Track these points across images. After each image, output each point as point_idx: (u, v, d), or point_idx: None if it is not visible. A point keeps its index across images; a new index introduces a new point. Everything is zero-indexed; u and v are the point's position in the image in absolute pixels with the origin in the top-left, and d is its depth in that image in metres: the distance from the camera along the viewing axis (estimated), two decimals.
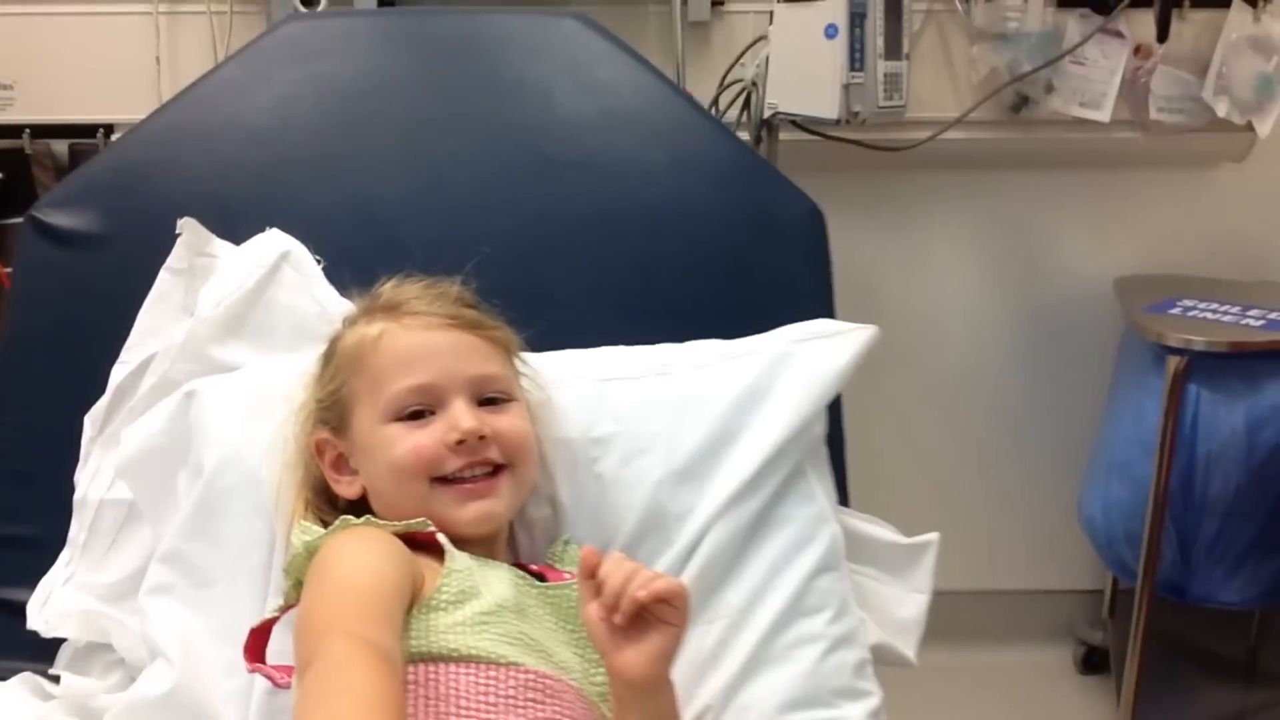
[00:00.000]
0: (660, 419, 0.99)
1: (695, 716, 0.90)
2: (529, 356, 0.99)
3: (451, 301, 0.93)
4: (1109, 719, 1.84)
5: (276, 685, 0.86)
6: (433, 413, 0.88)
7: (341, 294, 1.09)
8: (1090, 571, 2.03)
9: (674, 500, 0.96)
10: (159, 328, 1.09)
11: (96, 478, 1.05)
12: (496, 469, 0.88)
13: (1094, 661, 1.97)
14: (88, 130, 1.68)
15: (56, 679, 0.99)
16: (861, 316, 1.05)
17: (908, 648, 1.01)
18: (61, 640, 1.01)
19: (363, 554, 0.80)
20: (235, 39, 1.66)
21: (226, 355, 1.05)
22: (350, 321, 0.95)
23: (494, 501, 0.88)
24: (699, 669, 0.91)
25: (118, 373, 1.08)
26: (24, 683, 1.00)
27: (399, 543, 0.84)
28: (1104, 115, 1.76)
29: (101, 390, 1.08)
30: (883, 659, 0.98)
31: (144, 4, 1.70)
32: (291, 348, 1.06)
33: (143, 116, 1.23)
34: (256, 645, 0.87)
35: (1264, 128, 1.73)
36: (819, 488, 0.98)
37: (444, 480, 0.87)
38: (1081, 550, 1.96)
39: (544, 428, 0.97)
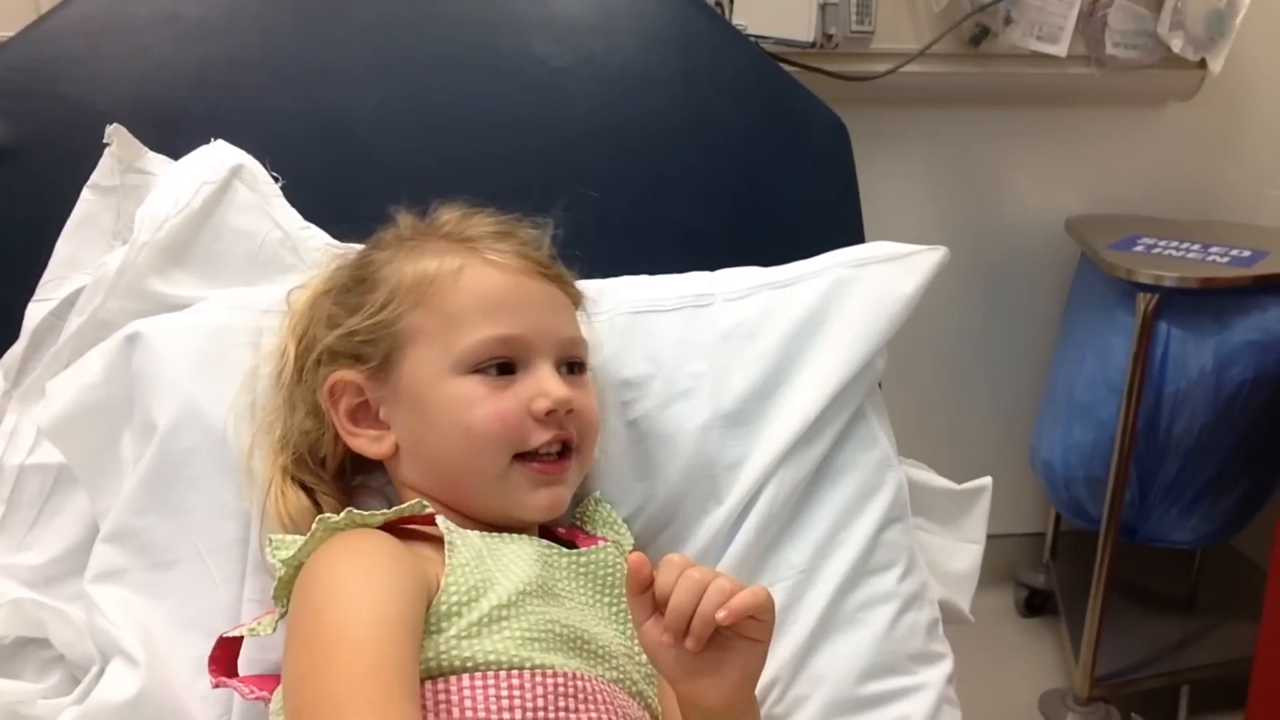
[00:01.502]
0: (702, 357, 0.88)
1: (762, 690, 0.80)
2: None
3: (535, 247, 0.80)
4: (1054, 661, 1.85)
5: (246, 699, 0.72)
6: (512, 370, 0.75)
7: (306, 219, 0.93)
8: (1030, 514, 2.04)
9: (723, 449, 0.85)
10: (84, 257, 0.91)
11: (14, 439, 0.87)
12: (566, 449, 0.76)
13: (1036, 604, 1.98)
14: None
15: None
16: None
17: (963, 603, 0.93)
18: None
19: (359, 584, 0.65)
20: None
21: (170, 289, 0.88)
22: (390, 245, 0.80)
23: (562, 489, 0.77)
24: None
25: (34, 311, 0.90)
26: None
27: (397, 545, 0.69)
28: (1060, 49, 1.72)
29: (14, 333, 0.89)
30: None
31: None
32: (249, 279, 0.91)
33: (14, 32, 1.02)
34: (225, 655, 0.74)
35: (1216, 64, 1.73)
36: (880, 430, 0.89)
37: (519, 456, 0.74)
38: (1023, 493, 1.95)
39: None
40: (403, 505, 0.72)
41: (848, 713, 0.79)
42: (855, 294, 0.89)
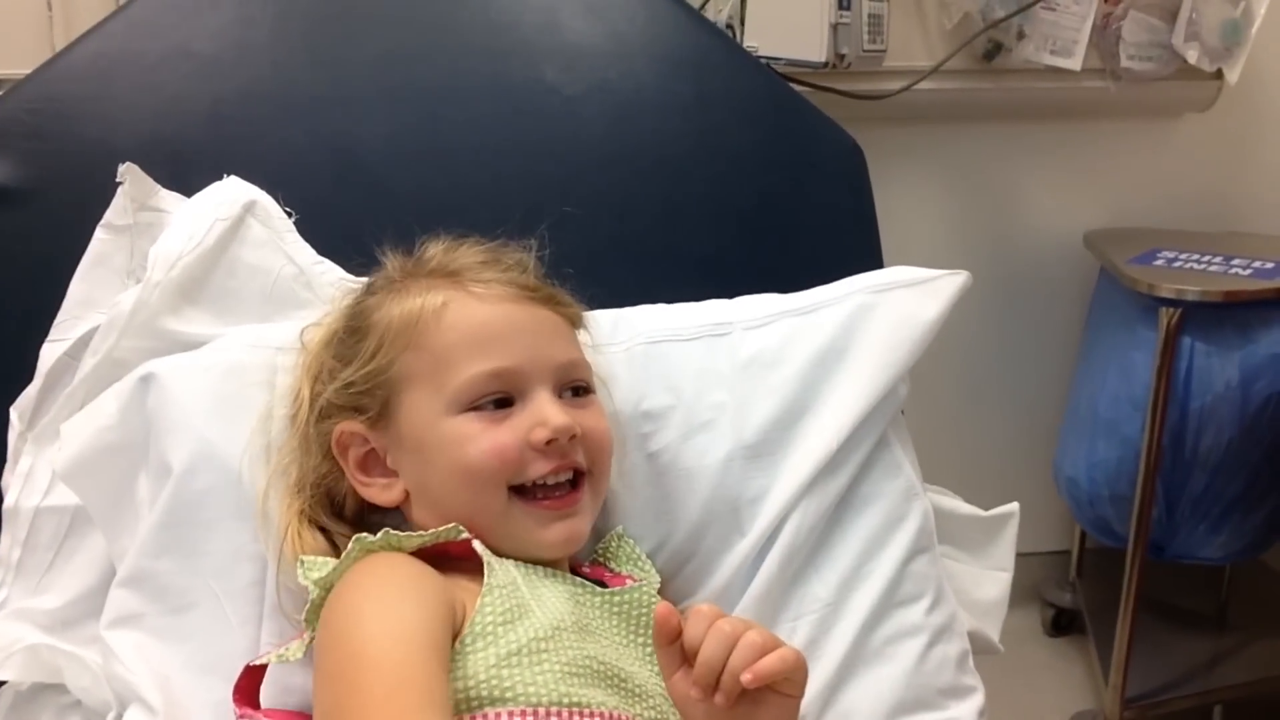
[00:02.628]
0: (722, 387, 0.86)
1: None
2: None
3: (522, 270, 0.79)
4: (1083, 681, 1.82)
5: None
6: (510, 403, 0.73)
7: (320, 253, 0.92)
8: (1055, 532, 2.01)
9: (746, 481, 0.84)
10: (97, 297, 0.91)
11: (30, 481, 0.86)
12: (577, 477, 0.74)
13: (1063, 624, 1.95)
14: None
15: None
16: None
17: (992, 632, 0.91)
18: None
19: (382, 606, 0.64)
20: None
21: (184, 327, 0.88)
22: (388, 289, 0.79)
23: (579, 521, 0.75)
24: None
25: (49, 353, 0.89)
26: None
27: (426, 569, 0.69)
28: (1075, 63, 1.71)
29: (27, 374, 0.89)
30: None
31: None
32: (263, 316, 0.90)
33: (28, 70, 1.02)
34: (249, 686, 0.73)
35: (1233, 74, 1.71)
36: (904, 458, 0.87)
37: (520, 491, 0.73)
38: (1047, 511, 1.92)
39: None
40: (439, 529, 0.71)
41: None
42: (877, 320, 0.87)
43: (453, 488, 0.73)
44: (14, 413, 0.88)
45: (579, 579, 0.77)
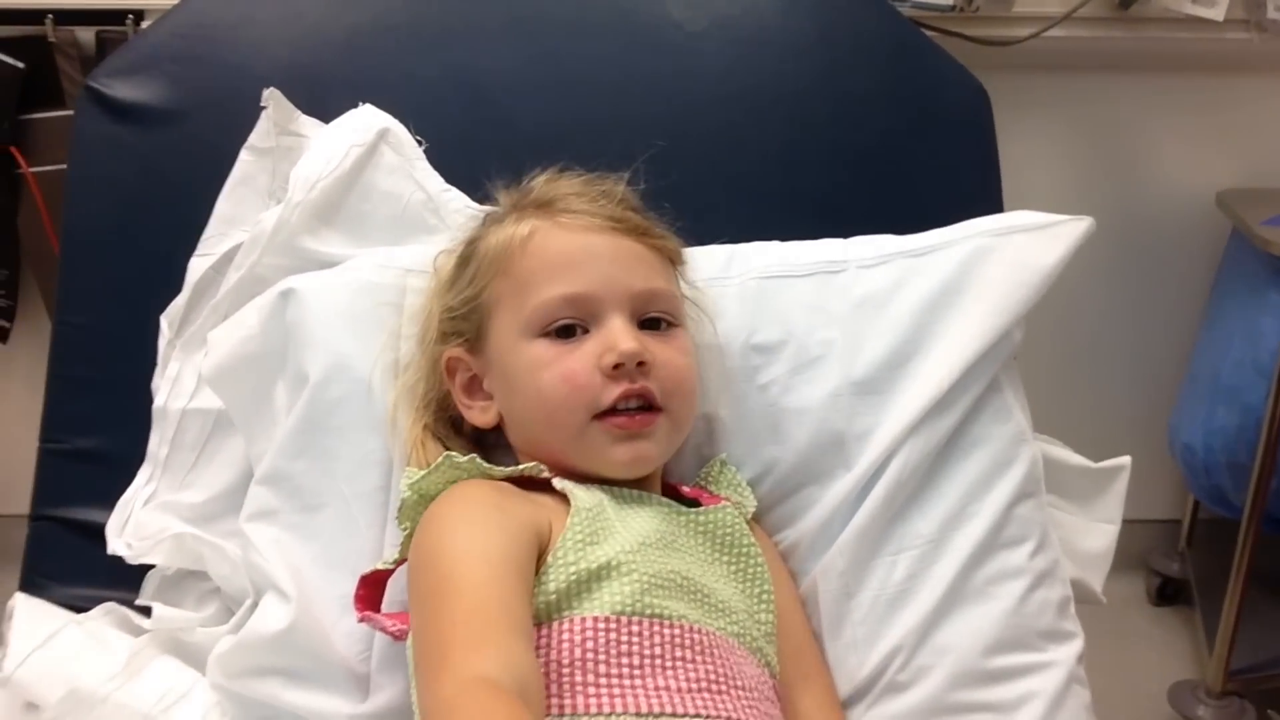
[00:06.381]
0: (834, 324, 0.87)
1: (884, 658, 0.79)
2: None
3: (616, 202, 0.80)
4: (1185, 652, 1.78)
5: (391, 636, 0.75)
6: (585, 330, 0.75)
7: (448, 181, 0.96)
8: (1167, 500, 1.95)
9: (853, 417, 0.85)
10: (241, 215, 0.96)
11: (177, 385, 0.92)
12: (652, 407, 0.76)
13: (1169, 593, 1.90)
14: (116, 16, 1.50)
15: (143, 610, 0.87)
16: None
17: (1096, 583, 0.90)
18: (143, 566, 0.89)
19: (468, 529, 0.67)
20: None
21: (320, 247, 0.92)
22: (494, 220, 0.82)
23: (650, 444, 0.76)
24: (887, 605, 0.81)
25: (196, 266, 0.95)
26: (108, 614, 0.88)
27: (512, 494, 0.72)
28: (1217, 13, 1.62)
29: (175, 285, 0.95)
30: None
31: None
32: (393, 240, 0.94)
33: (175, 2, 1.07)
34: (369, 593, 0.77)
35: None
36: (1015, 403, 0.86)
37: (599, 416, 0.75)
38: (1159, 477, 1.87)
39: (696, 333, 0.84)
40: (522, 466, 0.75)
41: (973, 685, 0.78)
42: (994, 264, 0.86)
43: (531, 412, 0.76)
44: (164, 321, 0.94)
45: (669, 500, 0.79)
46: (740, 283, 0.89)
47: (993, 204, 1.01)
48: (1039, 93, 1.74)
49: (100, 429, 0.95)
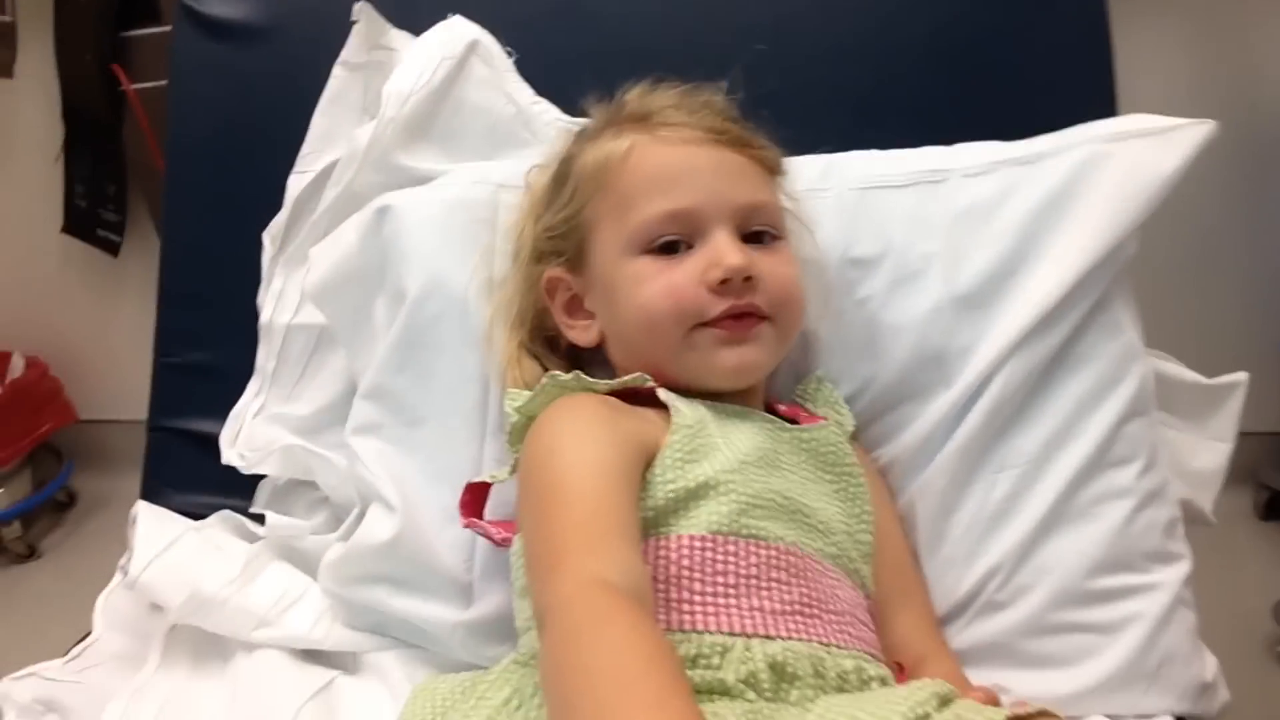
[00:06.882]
0: (935, 236, 0.84)
1: (983, 576, 0.79)
2: None
3: (715, 113, 0.78)
4: None
5: (494, 543, 0.77)
6: (690, 245, 0.74)
7: (539, 93, 0.94)
8: (1276, 412, 1.88)
9: (954, 332, 0.82)
10: (336, 131, 0.96)
11: (281, 300, 0.95)
12: (759, 319, 0.74)
13: (1276, 507, 1.85)
14: None
15: (257, 517, 0.91)
16: None
17: (1206, 504, 0.88)
18: (255, 476, 0.93)
19: (578, 440, 0.67)
20: None
21: (414, 162, 0.92)
22: (588, 136, 0.81)
23: (756, 349, 0.74)
24: (987, 523, 0.79)
25: (295, 183, 0.96)
26: (224, 521, 0.93)
27: (618, 406, 0.71)
28: None
29: (274, 201, 0.97)
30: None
31: None
32: (485, 154, 0.94)
33: None
34: (474, 500, 0.78)
35: None
36: (1126, 318, 0.83)
37: (703, 323, 0.73)
38: (1272, 390, 1.79)
39: (795, 246, 0.82)
40: (626, 378, 0.74)
41: (1074, 605, 0.76)
42: (1108, 171, 0.81)
43: (635, 328, 0.75)
44: (266, 238, 0.96)
45: (772, 416, 0.78)
46: (838, 194, 0.87)
47: (1106, 108, 0.96)
48: None
49: (210, 343, 0.99)
